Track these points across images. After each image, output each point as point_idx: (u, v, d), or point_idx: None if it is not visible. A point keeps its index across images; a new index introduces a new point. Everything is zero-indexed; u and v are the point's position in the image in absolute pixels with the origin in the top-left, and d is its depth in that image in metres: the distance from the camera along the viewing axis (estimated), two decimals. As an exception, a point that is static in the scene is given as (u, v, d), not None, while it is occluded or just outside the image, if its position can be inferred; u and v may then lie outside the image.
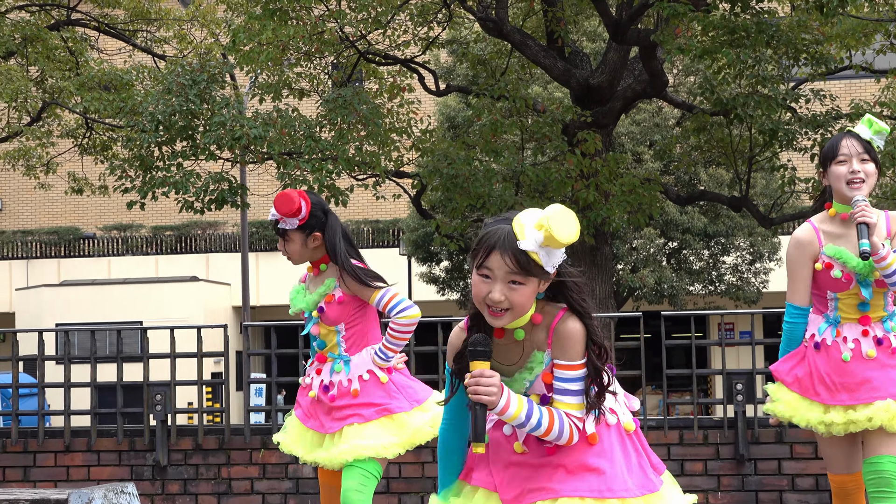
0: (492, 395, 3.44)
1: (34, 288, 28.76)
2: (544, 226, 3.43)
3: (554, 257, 3.51)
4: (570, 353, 3.58)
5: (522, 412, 3.50)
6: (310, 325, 5.73)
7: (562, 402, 3.57)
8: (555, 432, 3.53)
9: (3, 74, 17.61)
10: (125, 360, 10.40)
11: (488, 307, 3.49)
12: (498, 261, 3.45)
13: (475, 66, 18.34)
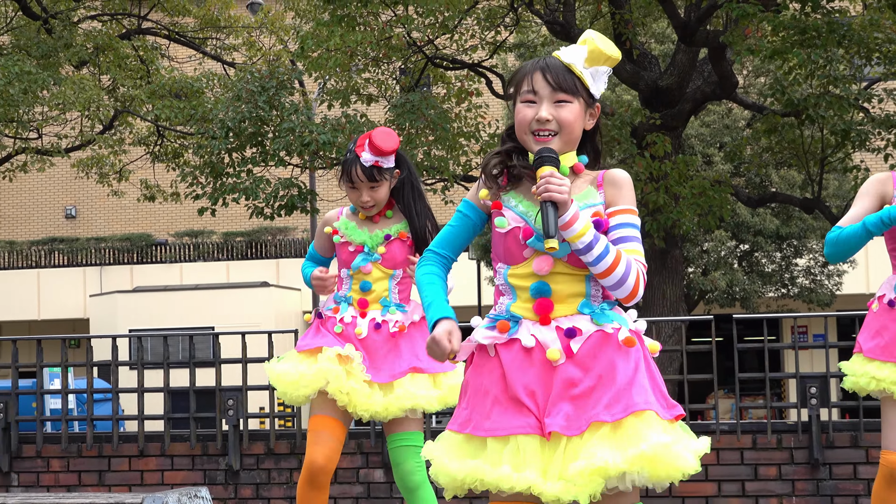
0: (564, 192, 3.13)
1: (108, 294, 29.07)
2: (587, 39, 3.30)
3: (599, 79, 3.35)
4: (627, 197, 3.30)
5: (591, 229, 3.17)
6: (364, 262, 5.31)
7: (627, 248, 3.25)
8: (620, 269, 3.19)
9: (76, 84, 17.83)
10: (197, 365, 10.47)
11: (534, 134, 3.28)
12: (541, 80, 3.28)
13: (543, 69, 18.28)
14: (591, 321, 3.27)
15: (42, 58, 18.71)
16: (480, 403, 3.27)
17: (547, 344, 3.24)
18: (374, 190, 5.32)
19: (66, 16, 19.95)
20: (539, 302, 3.28)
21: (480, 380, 3.31)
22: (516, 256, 3.30)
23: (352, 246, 5.36)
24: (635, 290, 3.22)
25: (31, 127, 19.27)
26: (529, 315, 3.29)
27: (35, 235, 34.55)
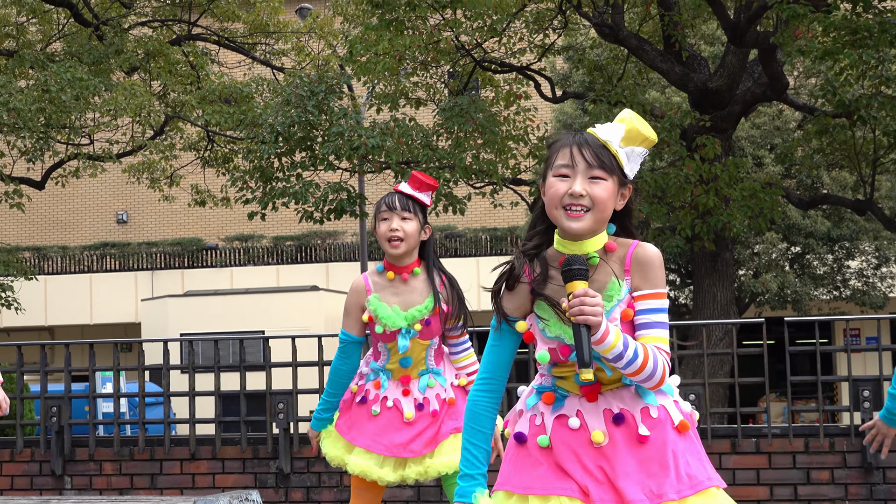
0: (598, 315, 3.06)
1: (159, 298, 29.24)
2: (626, 118, 3.27)
3: (634, 160, 3.29)
4: (653, 280, 3.25)
5: (620, 339, 3.12)
6: (406, 340, 5.28)
7: (650, 336, 3.22)
8: (649, 368, 3.15)
9: (128, 90, 17.96)
10: (248, 368, 10.52)
11: (566, 209, 3.22)
12: (577, 155, 3.23)
13: (591, 72, 18.25)
14: (636, 394, 3.29)
15: (94, 64, 18.86)
16: (524, 465, 3.30)
17: (592, 426, 3.25)
18: (405, 221, 5.27)
19: (117, 22, 20.10)
20: (586, 388, 3.31)
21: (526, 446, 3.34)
22: (559, 361, 3.32)
23: (386, 329, 5.32)
24: (661, 380, 3.20)
25: (83, 133, 19.43)
26: (575, 391, 3.31)
27: (87, 240, 34.83)
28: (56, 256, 33.50)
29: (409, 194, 5.33)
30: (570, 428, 3.25)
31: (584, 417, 3.25)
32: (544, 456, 3.27)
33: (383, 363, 5.38)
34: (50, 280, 31.80)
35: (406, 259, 5.35)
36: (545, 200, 3.30)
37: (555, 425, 3.28)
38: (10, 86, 16.56)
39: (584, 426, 3.25)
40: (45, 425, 10.51)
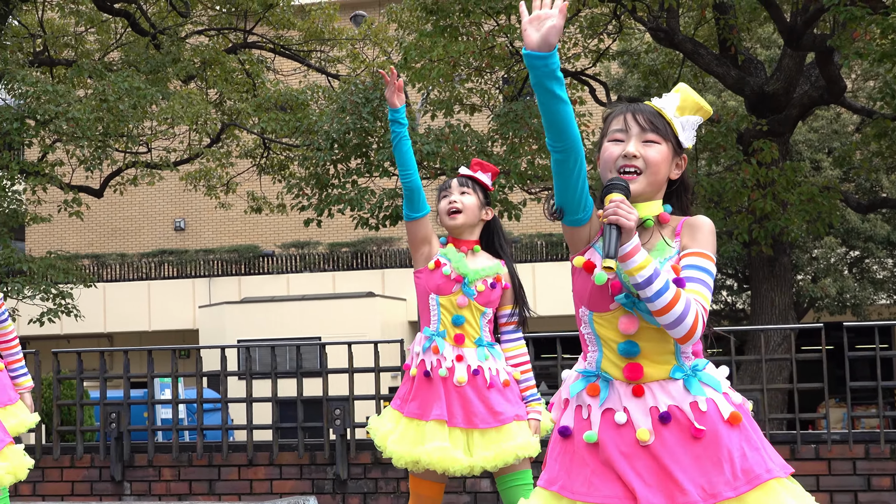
0: (630, 220, 3.04)
1: (216, 305, 29.42)
2: (680, 88, 3.29)
3: (689, 129, 3.30)
4: (701, 241, 3.23)
5: (651, 266, 3.06)
6: (466, 295, 5.35)
7: (690, 288, 3.15)
8: (678, 309, 3.06)
9: (184, 98, 18.09)
10: (305, 375, 10.56)
11: (619, 171, 3.23)
12: (631, 120, 3.25)
13: (647, 76, 18.19)
14: (684, 388, 3.21)
15: (151, 73, 19.02)
16: (571, 463, 3.24)
17: (638, 423, 3.19)
18: (464, 195, 5.41)
19: (173, 31, 20.26)
20: (629, 366, 3.22)
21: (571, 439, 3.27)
22: (601, 305, 3.24)
23: (451, 272, 5.37)
24: (692, 330, 3.11)
25: (140, 141, 19.59)
26: (619, 375, 3.23)
27: (145, 248, 35.12)
28: (115, 264, 33.80)
29: (468, 175, 5.47)
30: (616, 424, 3.19)
31: (630, 413, 3.20)
32: (591, 454, 3.21)
33: (436, 326, 5.40)
34: (109, 287, 32.08)
35: (467, 234, 5.46)
36: (601, 165, 3.31)
37: (602, 421, 3.22)
38: (69, 95, 16.72)
39: (630, 423, 3.18)
40: (105, 431, 10.60)
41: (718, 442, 3.17)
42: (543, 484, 3.27)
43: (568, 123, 3.07)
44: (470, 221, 5.44)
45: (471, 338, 5.39)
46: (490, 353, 5.39)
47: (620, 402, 3.21)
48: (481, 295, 5.38)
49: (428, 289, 5.42)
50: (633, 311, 3.20)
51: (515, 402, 5.36)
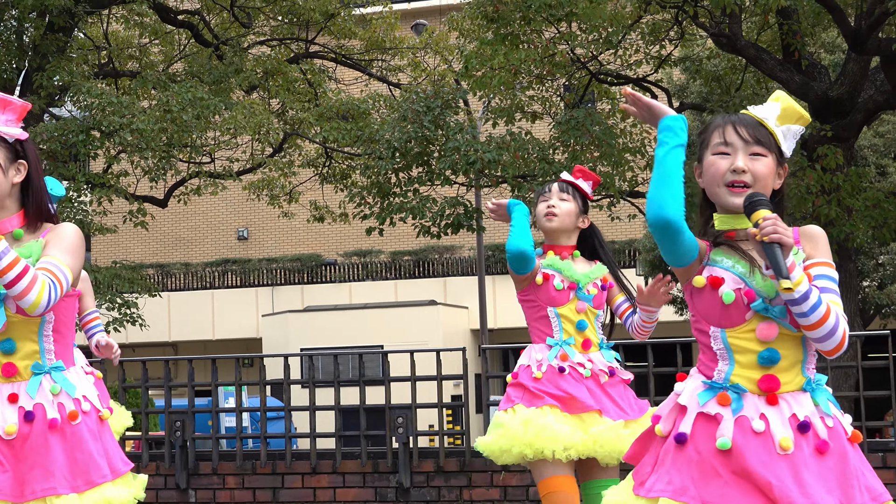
0: (789, 235, 3.07)
1: (279, 314, 29.58)
2: (780, 97, 3.29)
3: (790, 138, 3.30)
4: (823, 251, 3.24)
5: (805, 280, 3.07)
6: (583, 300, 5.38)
7: (828, 300, 3.14)
8: (831, 321, 3.08)
9: (247, 108, 18.21)
10: (367, 383, 10.58)
11: (728, 186, 3.23)
12: (734, 133, 3.25)
13: (709, 82, 18.08)
14: (813, 401, 3.20)
15: (214, 84, 19.17)
16: (696, 472, 3.16)
17: (778, 432, 3.13)
18: (564, 201, 5.43)
19: (236, 42, 20.42)
20: (765, 377, 3.18)
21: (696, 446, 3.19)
22: (735, 319, 3.21)
23: (562, 282, 5.39)
24: (842, 342, 3.12)
25: (203, 151, 19.74)
26: (753, 388, 3.18)
27: (209, 257, 35.38)
28: (179, 273, 34.08)
29: (569, 181, 5.50)
30: (754, 431, 3.13)
31: (768, 421, 3.14)
32: (722, 463, 3.13)
33: (559, 336, 5.39)
34: (173, 296, 32.35)
35: (563, 239, 5.48)
36: (705, 180, 3.30)
37: (736, 429, 3.15)
38: (134, 107, 16.90)
39: (769, 431, 3.13)
40: (170, 439, 10.68)
41: (846, 459, 3.15)
42: (670, 494, 3.16)
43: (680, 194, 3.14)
44: (565, 227, 5.46)
45: (594, 341, 5.43)
46: (612, 353, 5.47)
47: (756, 411, 3.16)
48: (595, 298, 5.43)
49: (542, 303, 5.42)
50: (770, 317, 3.18)
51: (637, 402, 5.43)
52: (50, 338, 3.74)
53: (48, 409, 3.66)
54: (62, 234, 3.74)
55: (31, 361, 3.71)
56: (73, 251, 3.70)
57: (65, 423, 3.67)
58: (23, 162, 3.78)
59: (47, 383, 3.70)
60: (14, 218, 3.77)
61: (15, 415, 3.65)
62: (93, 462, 3.66)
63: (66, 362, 3.78)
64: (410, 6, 32.71)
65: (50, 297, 3.54)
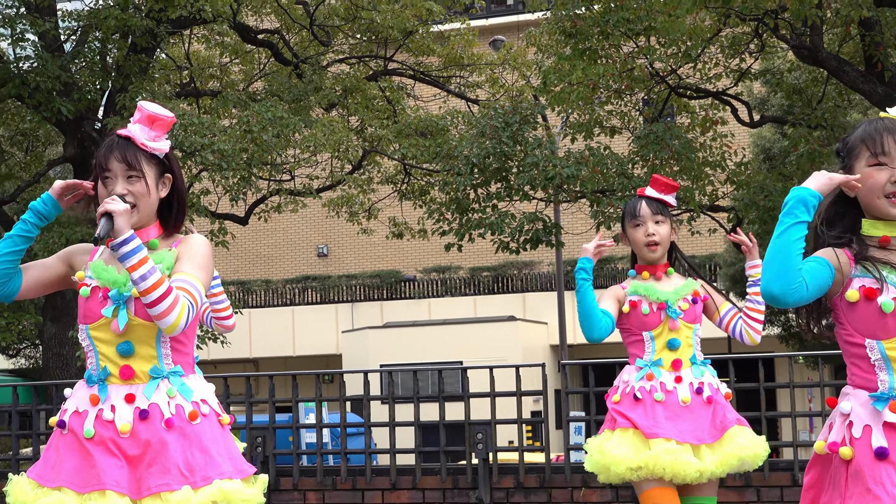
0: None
1: (359, 330, 29.70)
2: None
3: None
4: None
5: None
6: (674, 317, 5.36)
7: None
8: None
9: (327, 126, 18.32)
10: (447, 399, 10.58)
11: (888, 197, 3.21)
12: (892, 143, 3.21)
13: (790, 95, 17.90)
14: None
15: (293, 102, 19.30)
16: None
17: None
18: (659, 225, 5.39)
19: (315, 60, 20.55)
20: None
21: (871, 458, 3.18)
22: (892, 329, 3.20)
23: (650, 305, 5.37)
24: None
25: (284, 169, 19.88)
26: None
27: (289, 274, 35.62)
28: (259, 290, 34.35)
29: (657, 198, 5.42)
30: None
31: None
32: None
33: (649, 357, 5.38)
34: (254, 313, 32.60)
35: (660, 260, 5.48)
36: (864, 190, 3.25)
37: None
38: (215, 126, 17.06)
39: None
40: (251, 455, 10.75)
41: None
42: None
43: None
44: (666, 250, 5.48)
45: (687, 356, 5.39)
46: (705, 370, 5.40)
47: None
48: (687, 313, 5.39)
49: (635, 329, 5.43)
50: None
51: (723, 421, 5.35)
52: (167, 343, 3.79)
53: (164, 409, 3.72)
54: (194, 247, 3.82)
55: (148, 365, 3.77)
56: (205, 266, 3.79)
57: (184, 422, 3.72)
58: (168, 176, 3.88)
59: (164, 386, 3.76)
60: (151, 228, 3.86)
61: (131, 414, 3.70)
62: (211, 460, 3.70)
63: (185, 368, 3.84)
64: (488, 22, 32.76)
65: (188, 319, 3.63)
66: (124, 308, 3.73)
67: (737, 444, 5.23)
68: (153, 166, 3.83)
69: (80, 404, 3.77)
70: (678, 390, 5.29)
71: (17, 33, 18.05)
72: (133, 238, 3.62)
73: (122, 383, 3.75)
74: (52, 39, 18.27)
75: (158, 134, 3.87)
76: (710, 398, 5.31)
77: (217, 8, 17.36)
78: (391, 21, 20.69)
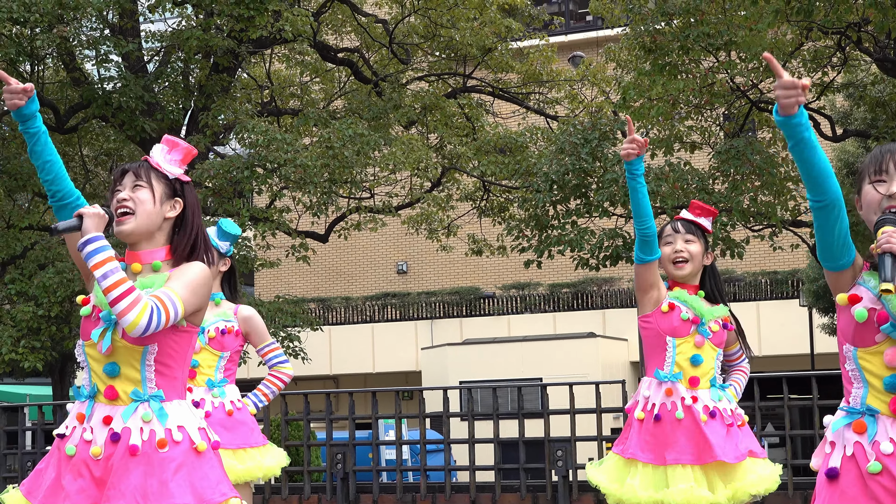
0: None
1: (438, 347, 29.72)
2: None
3: None
4: None
5: None
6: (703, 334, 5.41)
7: None
8: None
9: (406, 144, 18.40)
10: (526, 416, 10.55)
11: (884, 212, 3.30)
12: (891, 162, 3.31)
13: (874, 108, 17.68)
14: None
15: (373, 120, 19.41)
16: None
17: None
18: (689, 243, 5.44)
19: (395, 78, 20.66)
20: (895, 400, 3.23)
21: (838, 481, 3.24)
22: (867, 339, 3.27)
23: (688, 313, 5.41)
24: None
25: (363, 187, 19.99)
26: (886, 411, 3.24)
27: (369, 291, 35.75)
28: (339, 307, 34.51)
29: (690, 220, 5.47)
30: (883, 454, 3.19)
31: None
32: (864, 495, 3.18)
33: (669, 369, 5.40)
34: (334, 330, 32.75)
35: (691, 280, 5.50)
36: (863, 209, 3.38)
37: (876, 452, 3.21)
38: (297, 143, 17.20)
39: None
40: (331, 472, 10.80)
41: None
42: None
43: (826, 177, 3.22)
44: (696, 270, 5.49)
45: (706, 378, 5.40)
46: (723, 394, 5.42)
47: (886, 434, 3.21)
48: (716, 335, 5.44)
49: (662, 331, 5.43)
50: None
51: (749, 439, 5.40)
52: (152, 367, 3.84)
53: (134, 434, 3.78)
54: (186, 269, 3.89)
55: (132, 387, 3.84)
56: (192, 286, 3.83)
57: (152, 449, 3.77)
58: (178, 200, 3.95)
59: (142, 410, 3.82)
60: (160, 251, 3.94)
61: (104, 437, 3.80)
62: (166, 489, 3.73)
63: (170, 394, 3.88)
64: (567, 38, 32.72)
65: (150, 322, 3.66)
66: (112, 329, 3.80)
67: (748, 480, 5.25)
68: (163, 184, 3.93)
69: (71, 420, 3.90)
70: (693, 410, 5.33)
71: (101, 55, 18.34)
72: (97, 239, 3.71)
73: (107, 403, 3.84)
74: (135, 60, 18.54)
75: (176, 158, 3.97)
76: (729, 426, 5.36)
77: (297, 28, 17.51)
78: (470, 38, 20.75)
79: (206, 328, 6.33)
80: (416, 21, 21.54)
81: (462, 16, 20.72)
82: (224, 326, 6.37)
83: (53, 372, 23.94)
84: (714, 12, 15.32)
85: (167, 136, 4.00)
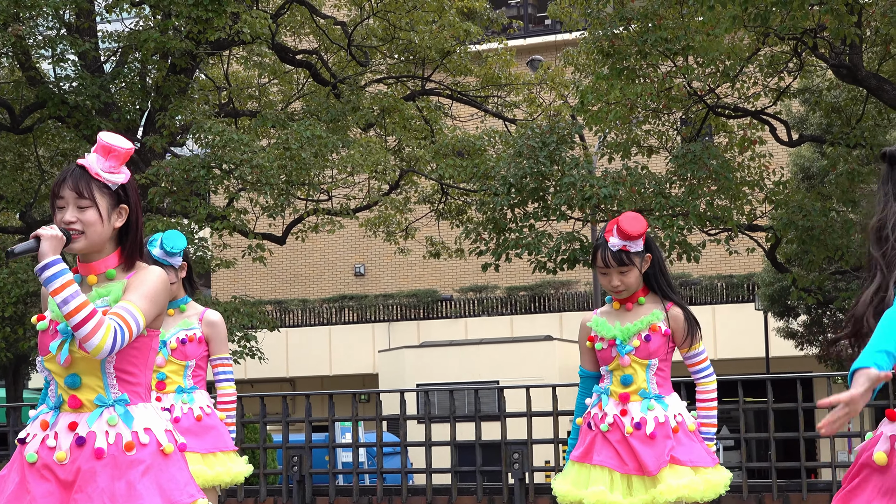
0: None
1: (396, 350, 29.69)
2: None
3: None
4: None
5: None
6: (623, 354, 5.46)
7: None
8: None
9: (364, 146, 18.36)
10: (483, 419, 10.56)
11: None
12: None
13: (829, 114, 17.82)
14: None
15: (331, 122, 19.36)
16: None
17: None
18: (624, 275, 5.46)
19: (353, 80, 20.62)
20: None
21: None
22: None
23: (602, 341, 5.52)
24: None
25: (321, 189, 19.93)
26: None
27: (326, 293, 35.68)
28: (297, 309, 34.43)
29: (621, 248, 5.47)
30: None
31: None
32: None
33: (606, 385, 5.55)
34: (291, 332, 32.67)
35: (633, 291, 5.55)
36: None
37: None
38: (253, 144, 17.13)
39: None
40: (288, 474, 10.76)
41: None
42: None
43: None
44: (637, 284, 5.53)
45: (635, 392, 5.49)
46: (656, 405, 5.47)
47: None
48: (639, 350, 5.47)
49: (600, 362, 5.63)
50: None
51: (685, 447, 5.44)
52: (113, 375, 3.84)
53: (99, 438, 3.78)
54: (144, 277, 3.87)
55: (94, 395, 3.84)
56: (150, 296, 3.82)
57: (119, 452, 3.77)
58: (124, 206, 3.91)
59: (107, 414, 3.82)
60: (110, 258, 3.92)
61: (69, 442, 3.79)
62: (133, 492, 3.73)
63: (134, 397, 3.88)
64: (526, 42, 32.78)
65: (115, 342, 3.67)
66: (69, 341, 3.79)
67: (666, 484, 5.30)
68: (106, 196, 3.86)
69: (33, 428, 3.88)
70: (620, 422, 5.43)
71: (57, 53, 18.20)
72: (56, 263, 3.68)
73: (71, 412, 3.83)
74: (92, 60, 18.42)
75: (114, 164, 3.89)
76: (652, 434, 5.40)
77: (255, 29, 17.45)
78: (429, 41, 20.74)
79: (167, 340, 6.29)
80: (375, 23, 21.51)
81: (421, 19, 20.71)
82: (185, 335, 6.33)
83: (7, 374, 23.75)
84: (672, 17, 15.39)
85: (101, 141, 3.89)
